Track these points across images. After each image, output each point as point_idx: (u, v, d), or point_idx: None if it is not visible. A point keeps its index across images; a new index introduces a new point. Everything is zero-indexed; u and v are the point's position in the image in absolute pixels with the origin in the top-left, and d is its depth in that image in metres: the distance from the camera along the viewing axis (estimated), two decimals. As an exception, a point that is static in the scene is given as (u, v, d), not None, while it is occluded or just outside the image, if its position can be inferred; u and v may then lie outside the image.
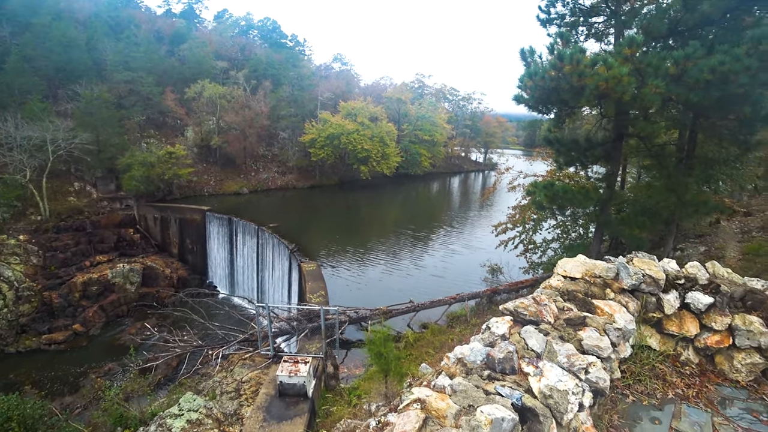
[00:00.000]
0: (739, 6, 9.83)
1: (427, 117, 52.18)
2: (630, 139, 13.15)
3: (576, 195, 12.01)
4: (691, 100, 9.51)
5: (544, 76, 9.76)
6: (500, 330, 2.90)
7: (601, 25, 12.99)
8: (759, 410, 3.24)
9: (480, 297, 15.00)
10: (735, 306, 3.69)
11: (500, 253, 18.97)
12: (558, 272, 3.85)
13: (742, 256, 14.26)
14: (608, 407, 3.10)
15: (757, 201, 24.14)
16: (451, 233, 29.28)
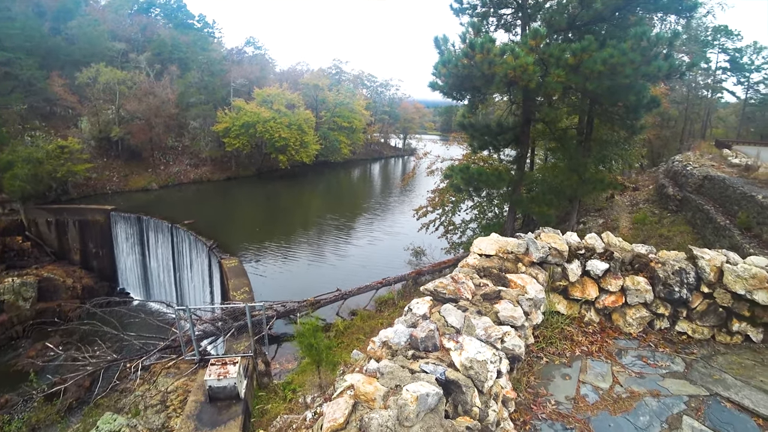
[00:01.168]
0: (626, 6, 10.90)
1: (346, 103, 51.42)
2: (537, 124, 14.16)
3: (490, 177, 12.74)
4: (588, 88, 10.45)
5: (457, 63, 10.12)
6: (421, 310, 3.02)
7: (510, 17, 13.71)
8: (647, 356, 3.77)
9: (406, 280, 15.44)
10: (626, 269, 4.20)
11: (422, 235, 19.62)
12: (474, 251, 4.10)
13: (632, 226, 16.13)
14: (525, 370, 3.39)
15: (643, 177, 27.31)
16: (374, 219, 29.62)
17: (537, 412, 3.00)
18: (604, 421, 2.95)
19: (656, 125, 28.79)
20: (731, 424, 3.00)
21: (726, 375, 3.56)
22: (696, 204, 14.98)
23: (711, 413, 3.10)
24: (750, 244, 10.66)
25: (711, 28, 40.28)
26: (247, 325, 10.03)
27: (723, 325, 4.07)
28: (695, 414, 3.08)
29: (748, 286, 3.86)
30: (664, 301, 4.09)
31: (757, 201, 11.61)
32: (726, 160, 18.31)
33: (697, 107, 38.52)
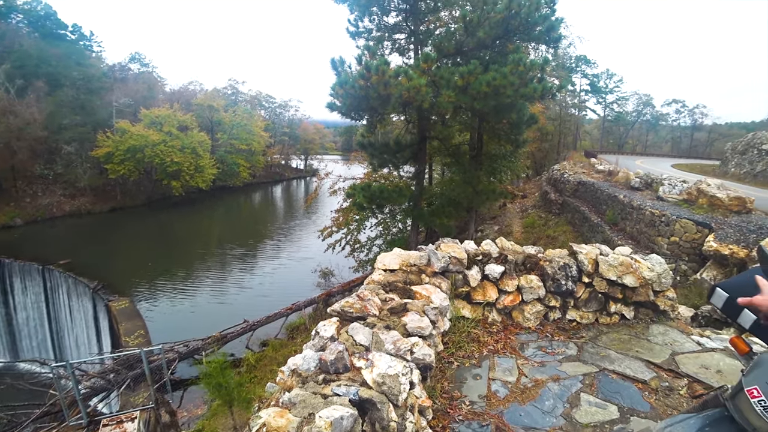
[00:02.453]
0: (504, 35, 12.03)
1: (243, 125, 49.61)
2: (433, 141, 14.94)
3: (391, 193, 13.15)
4: (476, 107, 11.28)
5: (354, 85, 10.34)
6: (328, 332, 2.94)
7: (403, 41, 14.44)
8: (545, 345, 4.10)
9: (316, 303, 15.11)
10: (519, 270, 4.56)
11: (329, 256, 19.43)
12: (378, 267, 4.16)
13: (523, 229, 17.66)
14: (438, 377, 3.45)
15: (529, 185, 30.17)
16: (280, 244, 28.59)
17: (454, 415, 3.07)
18: (515, 411, 3.13)
19: (537, 139, 32.06)
20: (618, 392, 3.39)
21: (610, 351, 4.00)
22: (574, 206, 16.87)
23: (602, 386, 3.46)
24: (617, 236, 12.23)
25: (574, 57, 46.98)
26: (144, 374, 8.92)
27: (603, 309, 4.59)
28: (590, 389, 3.42)
29: (618, 273, 4.43)
30: (555, 294, 4.51)
31: (620, 200, 13.40)
32: (594, 167, 20.98)
33: (568, 123, 43.91)
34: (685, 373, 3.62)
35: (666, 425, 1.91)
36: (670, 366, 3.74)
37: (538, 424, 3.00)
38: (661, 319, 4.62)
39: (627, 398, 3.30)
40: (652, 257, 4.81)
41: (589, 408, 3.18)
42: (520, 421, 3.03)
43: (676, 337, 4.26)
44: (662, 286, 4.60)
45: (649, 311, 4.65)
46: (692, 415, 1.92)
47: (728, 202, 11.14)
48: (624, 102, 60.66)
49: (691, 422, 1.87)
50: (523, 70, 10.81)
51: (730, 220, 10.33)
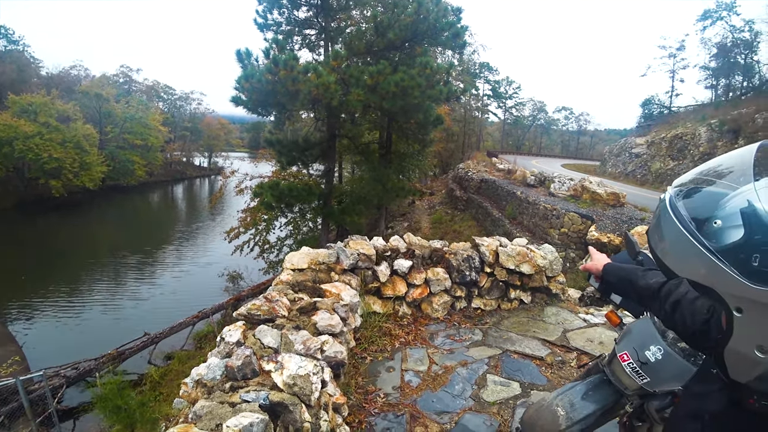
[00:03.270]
0: (413, 38, 12.37)
1: (138, 118, 44.29)
2: (342, 139, 14.90)
3: (301, 192, 12.88)
4: (385, 107, 11.46)
5: (261, 79, 9.93)
6: (234, 337, 2.78)
7: (314, 37, 14.19)
8: (453, 333, 4.29)
9: (224, 308, 14.28)
10: (426, 264, 4.73)
11: (237, 258, 18.39)
12: (287, 267, 4.04)
13: (431, 225, 18.39)
14: (353, 373, 3.44)
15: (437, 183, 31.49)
16: (183, 248, 26.23)
17: (370, 408, 3.08)
18: (428, 398, 3.23)
19: (443, 139, 33.57)
20: (520, 370, 3.67)
21: (511, 333, 4.31)
22: (477, 202, 17.94)
23: (505, 366, 3.72)
24: (516, 229, 13.22)
25: (478, 64, 50.22)
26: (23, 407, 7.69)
27: (504, 296, 4.93)
28: (494, 370, 3.65)
29: (516, 262, 4.79)
30: (460, 285, 4.74)
31: (518, 196, 14.52)
32: (495, 166, 22.52)
33: (472, 125, 46.73)
34: (575, 347, 4.05)
35: (557, 394, 2.10)
36: (562, 342, 4.15)
37: (449, 407, 3.13)
38: (554, 301, 5.08)
39: (527, 374, 3.59)
40: (545, 247, 5.27)
41: (494, 387, 3.40)
42: (433, 406, 3.14)
43: (567, 316, 4.73)
44: (554, 272, 5.06)
45: (543, 295, 5.10)
46: (578, 383, 2.14)
47: (606, 197, 12.64)
48: (521, 107, 66.54)
49: (577, 389, 2.08)
50: (430, 73, 11.23)
51: (608, 212, 11.71)
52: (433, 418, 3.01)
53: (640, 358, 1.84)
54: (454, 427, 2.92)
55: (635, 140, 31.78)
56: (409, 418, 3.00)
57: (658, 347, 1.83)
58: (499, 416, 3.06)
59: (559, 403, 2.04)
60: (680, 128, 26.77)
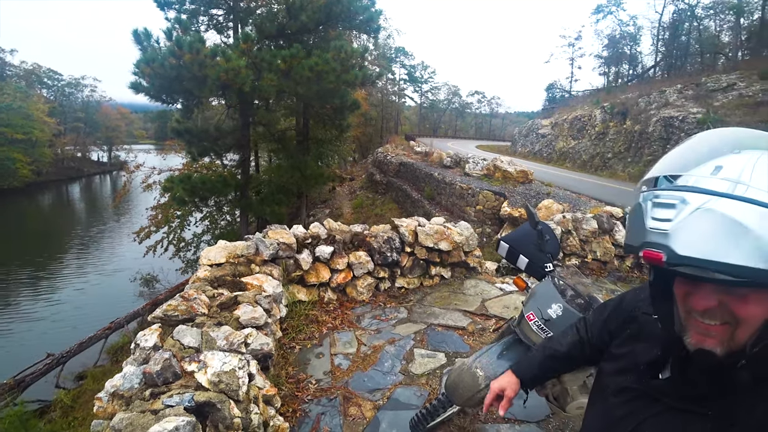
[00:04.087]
0: (327, 21, 12.07)
1: (16, 108, 38.06)
2: (257, 127, 14.31)
3: (215, 184, 12.23)
4: (299, 92, 11.17)
5: (164, 63, 9.15)
6: (150, 342, 2.62)
7: (222, 18, 13.25)
8: (379, 314, 4.43)
9: (141, 315, 13.24)
10: (348, 248, 4.78)
11: (150, 260, 16.94)
12: (204, 263, 3.88)
13: (353, 211, 18.47)
14: (282, 364, 3.42)
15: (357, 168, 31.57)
16: (87, 254, 23.51)
17: (303, 396, 3.10)
18: (359, 378, 3.31)
19: (361, 124, 33.58)
20: (444, 341, 3.89)
21: (434, 308, 4.54)
22: (397, 185, 18.30)
23: (431, 339, 3.92)
24: (435, 209, 13.74)
25: (393, 48, 50.68)
26: None
27: (426, 273, 5.15)
28: (421, 344, 3.83)
29: (434, 240, 5.02)
30: (383, 266, 4.86)
31: (435, 177, 15.04)
32: (413, 149, 23.05)
33: (389, 109, 47.31)
34: (493, 315, 4.38)
35: (475, 357, 2.28)
36: (482, 311, 4.47)
37: (380, 384, 3.25)
38: (472, 275, 5.42)
39: (451, 344, 3.82)
40: (461, 224, 5.57)
41: (422, 360, 3.57)
42: (365, 386, 3.23)
43: (485, 287, 5.07)
44: (470, 247, 5.38)
45: (462, 269, 5.40)
46: (493, 344, 2.34)
47: (516, 174, 13.55)
48: (437, 91, 68.57)
49: (492, 350, 2.28)
50: (345, 57, 11.12)
51: (518, 189, 12.57)
52: (366, 397, 3.10)
53: (543, 316, 2.07)
54: (387, 402, 3.04)
55: (541, 122, 34.46)
56: (342, 399, 3.07)
57: (558, 305, 2.07)
58: (428, 386, 3.24)
59: (478, 365, 2.21)
60: (579, 110, 29.39)
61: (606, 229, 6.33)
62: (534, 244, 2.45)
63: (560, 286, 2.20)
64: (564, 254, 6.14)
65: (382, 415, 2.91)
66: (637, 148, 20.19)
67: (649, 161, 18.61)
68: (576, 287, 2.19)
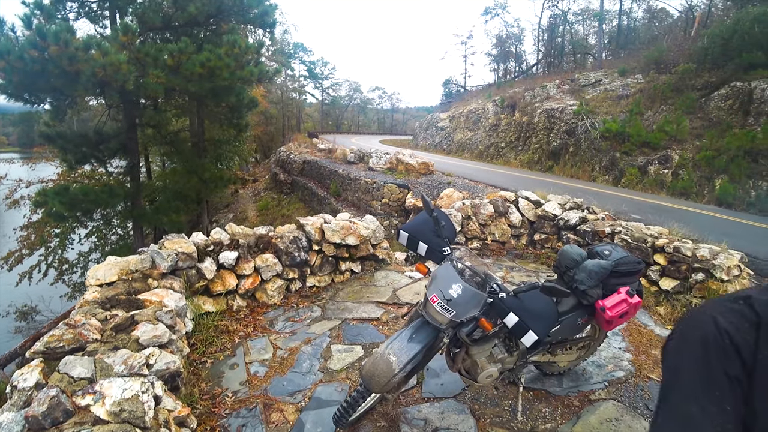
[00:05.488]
0: (218, 14, 11.33)
1: None
2: (146, 129, 13.12)
3: (100, 195, 10.90)
4: (191, 90, 10.43)
5: (23, 56, 7.86)
6: (31, 381, 2.30)
7: (96, 5, 11.70)
8: (293, 315, 4.38)
9: (20, 354, 11.44)
10: (254, 252, 4.63)
11: (26, 289, 14.79)
12: (92, 283, 3.49)
13: (258, 213, 17.85)
14: (194, 381, 3.23)
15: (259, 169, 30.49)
16: None
17: (220, 411, 2.96)
18: (278, 383, 3.26)
19: (261, 123, 32.44)
20: (360, 334, 3.97)
21: (347, 303, 4.60)
22: (302, 184, 18.06)
23: (346, 334, 3.98)
24: (342, 206, 13.81)
25: (292, 44, 49.42)
26: None
27: (336, 269, 5.19)
28: (337, 340, 3.88)
29: (341, 236, 5.07)
30: (291, 267, 4.79)
31: (340, 174, 15.10)
32: (316, 146, 22.86)
33: (290, 106, 46.29)
34: (405, 302, 4.58)
35: (387, 344, 2.39)
36: (394, 300, 4.65)
37: (301, 386, 3.24)
38: (382, 266, 5.58)
39: (367, 336, 3.92)
40: (367, 218, 5.70)
41: (339, 355, 3.62)
42: (285, 390, 3.19)
43: (395, 277, 5.26)
44: (378, 239, 5.53)
45: (372, 262, 5.54)
46: (403, 330, 2.47)
47: (418, 166, 14.12)
48: (338, 87, 68.47)
49: (403, 335, 2.41)
50: (238, 53, 10.57)
51: (421, 180, 13.12)
52: (287, 401, 3.07)
53: (445, 297, 2.24)
54: (309, 403, 3.04)
55: (440, 116, 36.22)
56: (262, 407, 3.00)
57: (458, 284, 2.26)
58: (348, 380, 3.30)
59: (390, 351, 2.32)
60: (473, 104, 31.42)
61: (501, 212, 6.90)
62: (431, 230, 2.62)
63: (458, 267, 2.39)
64: (466, 238, 6.58)
65: (306, 416, 2.91)
66: (526, 137, 22.19)
67: (536, 149, 20.57)
68: (473, 267, 2.40)
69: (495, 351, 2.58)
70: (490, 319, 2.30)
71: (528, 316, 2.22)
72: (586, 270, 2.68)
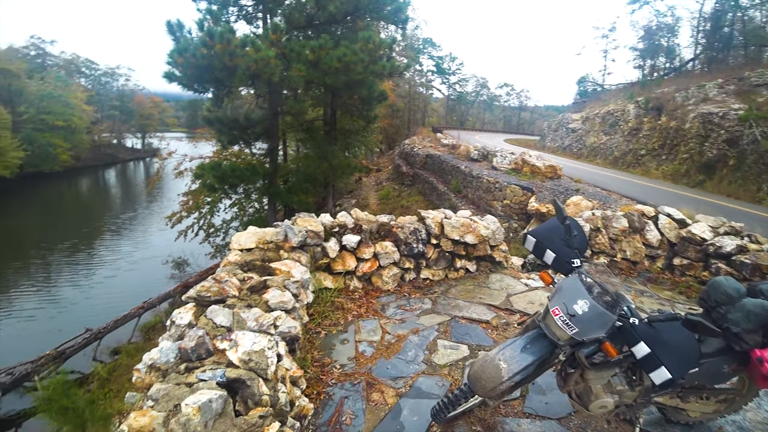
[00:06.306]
0: (355, 12, 12.07)
1: (57, 96, 39.63)
2: (285, 116, 14.48)
3: (244, 172, 12.44)
4: (327, 82, 11.22)
5: (195, 53, 9.37)
6: (185, 319, 2.75)
7: (251, 8, 13.39)
8: (404, 304, 4.45)
9: (172, 296, 13.75)
10: (374, 238, 4.80)
11: (181, 244, 17.53)
12: (234, 247, 3.98)
13: (379, 201, 18.52)
14: (308, 348, 3.51)
15: (383, 159, 31.58)
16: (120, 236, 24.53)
17: (327, 380, 3.17)
18: (382, 366, 3.36)
19: (388, 115, 33.46)
20: (468, 333, 3.89)
21: (458, 300, 4.53)
22: (423, 177, 18.23)
23: (454, 331, 3.93)
24: (461, 202, 13.65)
25: (421, 39, 50.08)
26: None
27: (451, 265, 5.14)
28: (444, 335, 3.85)
29: (460, 233, 4.99)
30: (408, 257, 4.88)
31: (462, 170, 14.92)
32: (440, 141, 22.89)
33: (416, 101, 46.86)
34: (517, 310, 4.34)
35: (499, 349, 2.29)
36: (506, 306, 4.43)
37: (403, 372, 3.29)
38: (498, 269, 5.38)
39: (475, 337, 3.82)
40: (487, 218, 5.53)
41: (445, 351, 3.59)
42: (388, 373, 3.28)
43: (510, 282, 5.03)
44: (496, 241, 5.33)
45: (488, 263, 5.37)
46: (517, 338, 2.34)
47: (544, 169, 13.31)
48: (465, 83, 67.36)
49: (516, 343, 2.28)
50: (372, 48, 11.09)
51: (546, 184, 12.36)
52: (389, 384, 3.15)
53: (569, 311, 2.05)
54: (409, 390, 3.07)
55: (571, 116, 33.47)
56: (365, 385, 3.12)
57: (584, 301, 2.05)
58: (449, 377, 3.25)
59: (501, 357, 2.21)
60: (612, 105, 28.40)
61: (637, 228, 6.15)
62: (561, 239, 2.42)
63: (587, 282, 2.17)
64: (592, 252, 6.02)
65: (404, 402, 2.95)
66: (672, 145, 19.42)
67: (685, 159, 17.93)
68: (603, 284, 2.16)
69: (614, 381, 2.31)
70: (616, 344, 2.06)
71: (662, 349, 1.94)
72: (744, 309, 2.22)
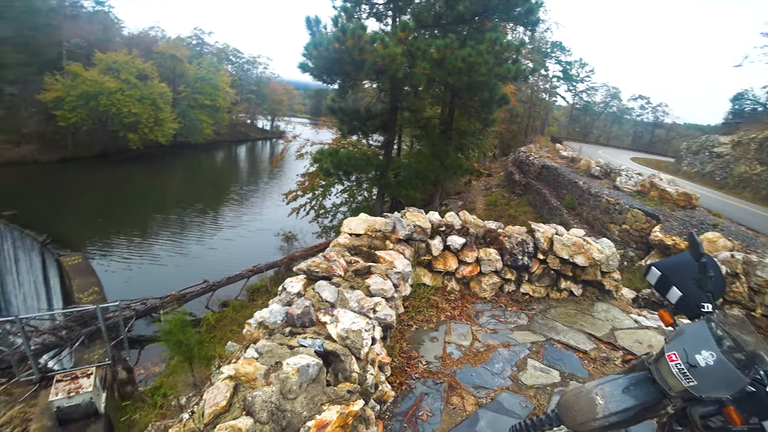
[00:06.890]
0: (484, 12, 11.91)
1: (208, 79, 46.18)
2: (404, 112, 14.81)
3: (359, 161, 13.05)
4: (449, 82, 11.22)
5: (328, 47, 10.06)
6: (295, 288, 3.02)
7: (382, 6, 13.95)
8: (499, 315, 4.35)
9: (278, 266, 15.07)
10: (479, 243, 4.75)
11: (293, 220, 19.16)
12: (344, 231, 4.23)
13: (486, 207, 18.11)
14: (398, 338, 3.61)
15: (495, 165, 30.72)
16: (242, 205, 27.78)
17: (411, 372, 3.24)
18: (467, 372, 3.34)
19: (506, 120, 32.35)
20: (561, 359, 3.68)
21: (557, 323, 4.30)
22: (536, 188, 17.40)
23: (547, 354, 3.75)
24: (573, 220, 12.78)
25: (550, 42, 47.34)
26: (99, 330, 8.58)
27: (554, 285, 4.88)
28: (536, 356, 3.69)
29: (571, 252, 4.71)
30: (511, 268, 4.74)
31: (579, 186, 13.94)
32: (558, 152, 21.60)
33: (537, 107, 44.52)
34: (621, 346, 3.96)
35: (598, 383, 2.12)
36: (609, 339, 4.07)
37: (487, 384, 3.23)
38: (606, 298, 4.96)
39: (568, 365, 3.59)
40: (603, 241, 5.12)
41: (534, 372, 3.44)
42: (471, 380, 3.25)
43: (617, 314, 4.61)
44: (609, 267, 4.92)
45: (595, 290, 4.99)
46: (621, 376, 2.15)
47: (676, 196, 11.85)
48: (593, 92, 61.94)
49: (619, 381, 2.09)
50: (499, 50, 10.82)
51: (676, 213, 11.01)
52: (470, 391, 3.12)
53: (689, 360, 1.78)
54: (490, 403, 3.02)
55: (719, 138, 28.97)
56: (447, 386, 3.13)
57: (711, 352, 1.77)
58: (535, 399, 3.11)
59: (599, 392, 2.04)
60: (774, 129, 24.09)
61: (790, 279, 5.23)
62: (693, 277, 2.12)
63: (717, 333, 1.89)
64: (724, 300, 5.26)
65: (483, 413, 2.90)
66: None
67: None
68: (738, 339, 1.86)
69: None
70: (743, 412, 1.74)
71: None
72: None
